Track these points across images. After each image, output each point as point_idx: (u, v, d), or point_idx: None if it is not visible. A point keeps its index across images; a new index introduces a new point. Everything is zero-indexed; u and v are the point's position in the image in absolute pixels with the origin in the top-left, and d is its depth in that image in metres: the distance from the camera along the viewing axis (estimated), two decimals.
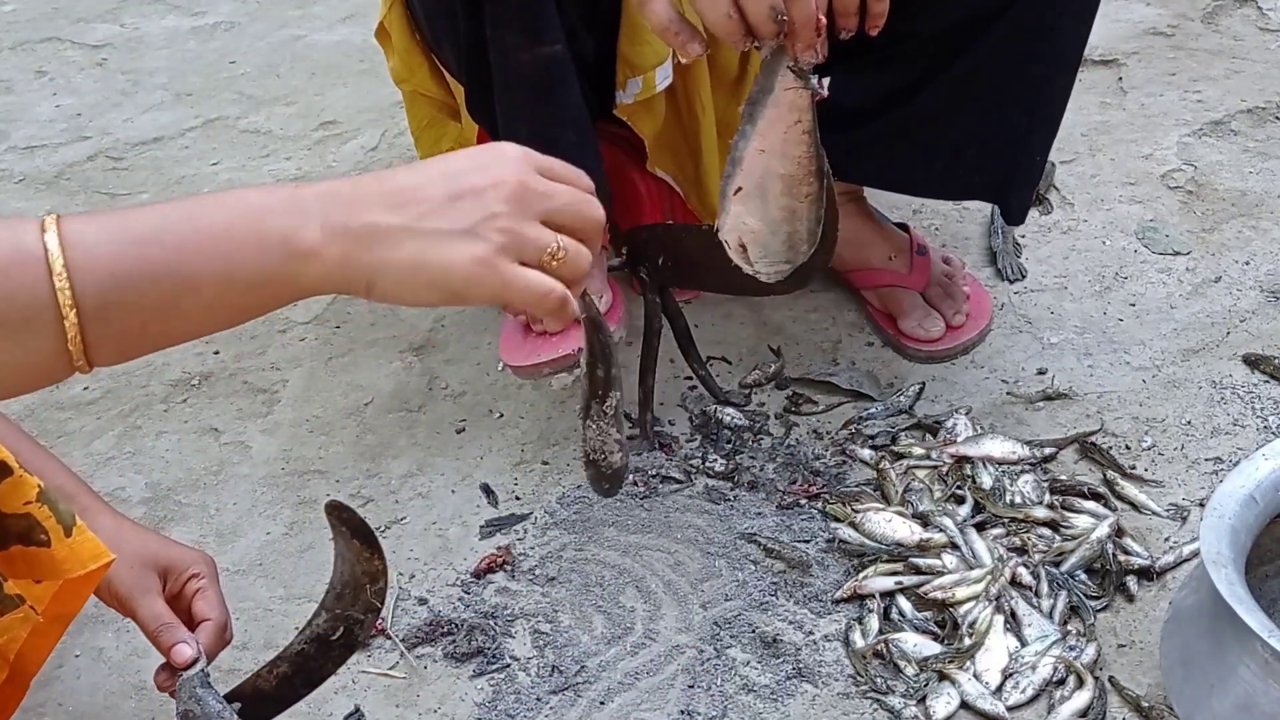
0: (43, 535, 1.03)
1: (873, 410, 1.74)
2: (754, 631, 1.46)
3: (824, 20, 1.13)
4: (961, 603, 1.45)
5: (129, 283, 0.80)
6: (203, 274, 0.82)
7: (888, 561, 1.51)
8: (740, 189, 1.25)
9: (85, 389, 1.88)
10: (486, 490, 1.68)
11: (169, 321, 0.83)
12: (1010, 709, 1.36)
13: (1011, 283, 1.98)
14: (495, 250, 0.87)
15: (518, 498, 1.67)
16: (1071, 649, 1.41)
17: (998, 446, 1.64)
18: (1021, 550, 1.52)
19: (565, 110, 1.53)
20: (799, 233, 1.27)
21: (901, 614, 1.46)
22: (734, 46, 1.13)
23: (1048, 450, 1.65)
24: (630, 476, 1.67)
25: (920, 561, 1.50)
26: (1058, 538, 1.53)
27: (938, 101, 1.64)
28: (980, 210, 2.12)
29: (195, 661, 1.18)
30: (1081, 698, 1.35)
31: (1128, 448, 1.67)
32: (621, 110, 1.65)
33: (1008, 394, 1.77)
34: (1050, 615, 1.44)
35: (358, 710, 1.40)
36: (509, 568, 1.56)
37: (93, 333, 0.80)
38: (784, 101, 1.19)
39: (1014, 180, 1.69)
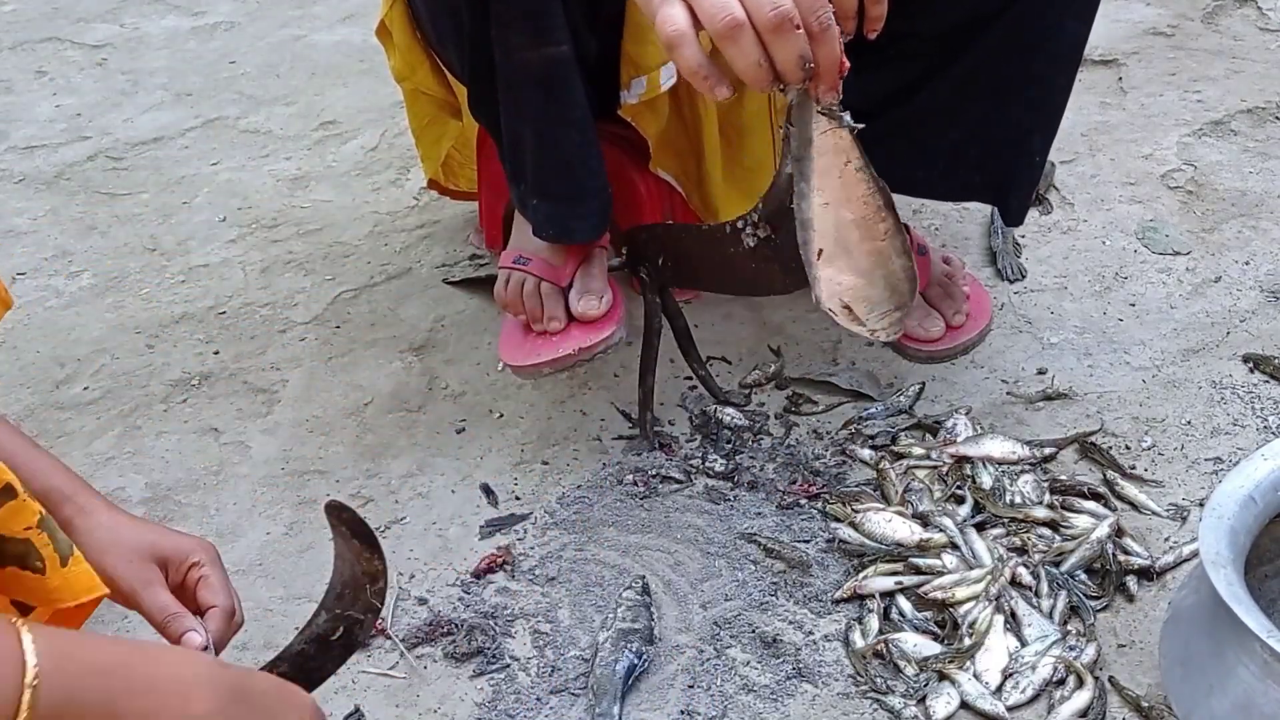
0: (38, 563, 1.03)
1: (873, 410, 1.74)
2: (754, 631, 1.46)
3: (847, 64, 1.12)
4: (961, 603, 1.45)
5: (78, 703, 0.90)
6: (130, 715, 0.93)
7: (888, 561, 1.51)
8: (821, 251, 1.21)
9: (85, 389, 1.88)
10: (486, 490, 1.68)
11: None
12: (1010, 709, 1.35)
13: (1011, 283, 1.98)
14: None
15: (518, 498, 1.67)
16: (1071, 649, 1.41)
17: (998, 446, 1.64)
18: (1021, 550, 1.52)
19: (570, 111, 1.53)
20: (895, 273, 1.23)
21: (901, 614, 1.46)
22: (760, 91, 1.13)
23: (1048, 450, 1.65)
24: (630, 476, 1.67)
25: (920, 561, 1.50)
26: (1058, 538, 1.53)
27: (938, 101, 1.64)
28: (980, 210, 2.12)
29: (205, 650, 1.17)
30: (1081, 698, 1.35)
31: (1128, 448, 1.67)
32: (626, 110, 1.65)
33: (1008, 394, 1.77)
34: (1050, 615, 1.44)
35: (358, 710, 1.40)
36: (509, 568, 1.56)
37: None
38: (827, 147, 1.18)
39: (1014, 180, 1.69)
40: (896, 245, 1.23)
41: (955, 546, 1.52)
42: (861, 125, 1.17)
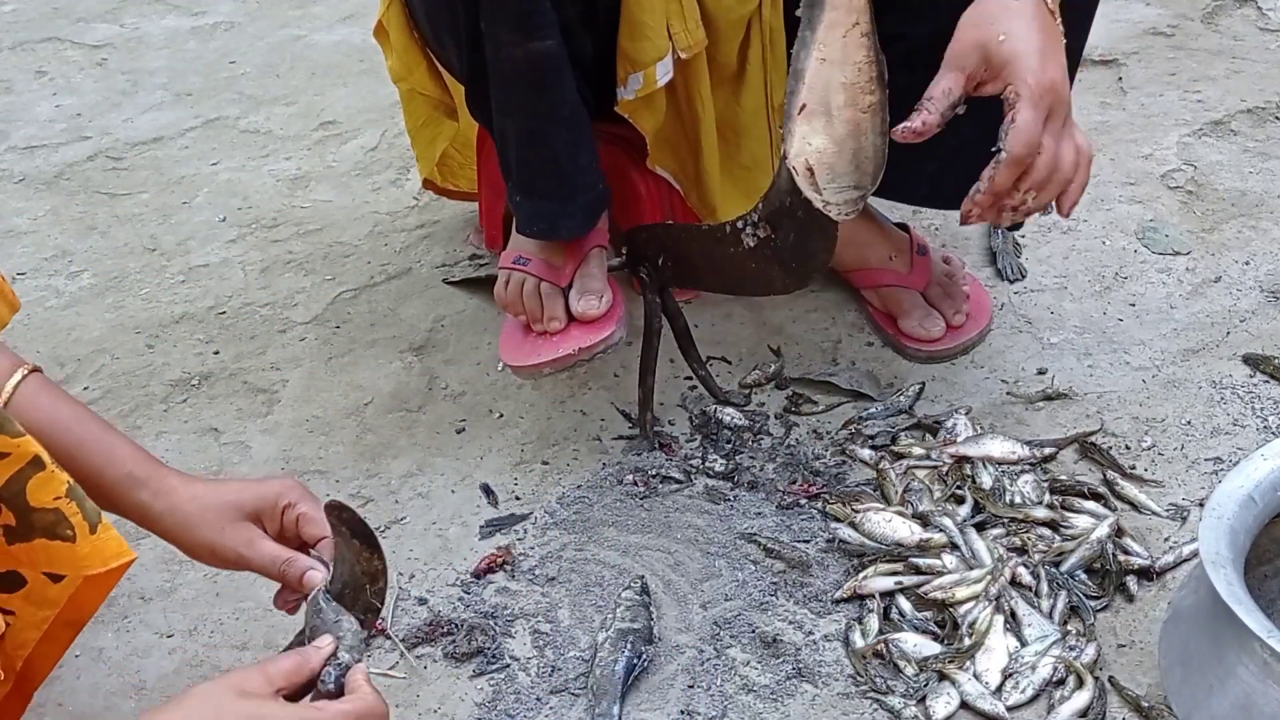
0: (68, 530, 1.05)
1: (873, 410, 1.74)
2: (754, 631, 1.46)
3: None
4: (961, 603, 1.45)
5: None
6: None
7: (888, 561, 1.51)
8: (804, 106, 1.22)
9: (85, 389, 1.88)
10: (486, 490, 1.68)
11: None
12: (1010, 709, 1.35)
13: (1011, 283, 1.98)
14: None
15: (518, 498, 1.67)
16: (1071, 649, 1.41)
17: (998, 446, 1.64)
18: (1021, 550, 1.52)
19: (558, 107, 1.53)
20: (864, 150, 1.24)
21: (901, 614, 1.46)
22: None
23: (1048, 450, 1.65)
24: (630, 476, 1.67)
25: (920, 561, 1.50)
26: (1058, 538, 1.53)
27: None
28: None
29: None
30: (1081, 698, 1.35)
31: (1128, 448, 1.67)
32: (623, 107, 1.65)
33: (1008, 394, 1.77)
34: (1050, 615, 1.44)
35: None
36: (509, 568, 1.56)
37: None
38: (841, 3, 1.18)
39: None
40: (875, 122, 1.23)
41: (955, 546, 1.52)
42: None
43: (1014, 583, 1.47)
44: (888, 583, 1.49)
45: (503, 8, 1.45)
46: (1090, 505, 1.57)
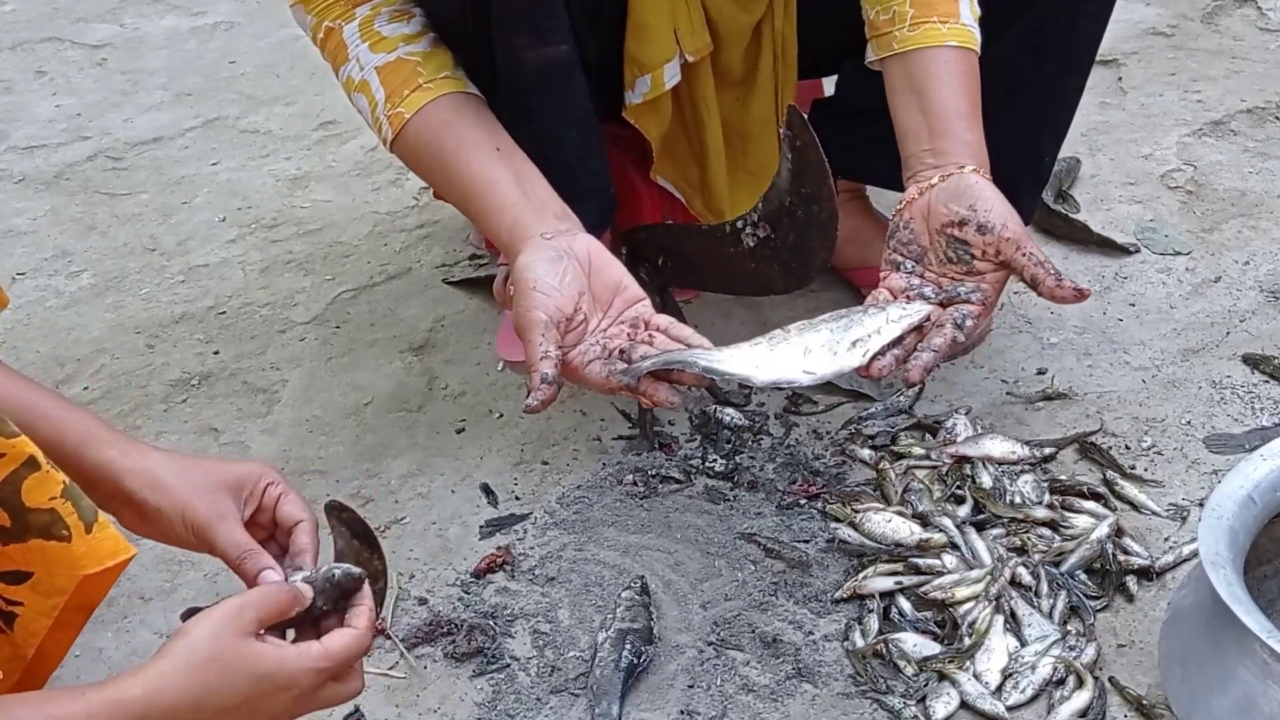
0: (64, 530, 1.05)
1: (873, 410, 1.74)
2: (754, 631, 1.46)
3: None
4: (961, 603, 1.45)
5: None
6: None
7: (888, 561, 1.51)
8: None
9: (85, 389, 1.88)
10: (486, 490, 1.68)
11: None
12: (1010, 709, 1.35)
13: None
14: None
15: (517, 498, 1.67)
16: (1071, 649, 1.40)
17: (998, 446, 1.64)
18: (1021, 550, 1.51)
19: (571, 111, 1.53)
20: None
21: (901, 614, 1.46)
22: None
23: (1048, 450, 1.65)
24: (630, 476, 1.67)
25: (920, 561, 1.50)
26: (1058, 538, 1.53)
27: None
28: None
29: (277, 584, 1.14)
30: (1081, 698, 1.35)
31: (1128, 448, 1.67)
32: (629, 112, 1.65)
33: (1008, 394, 1.77)
34: (1050, 615, 1.44)
35: (357, 710, 1.40)
36: (509, 568, 1.56)
37: None
38: None
39: (1022, 180, 1.69)
40: None
41: (955, 546, 1.52)
42: None
43: (1014, 583, 1.47)
44: (888, 583, 1.49)
45: (516, 13, 1.45)
46: (1090, 505, 1.57)
